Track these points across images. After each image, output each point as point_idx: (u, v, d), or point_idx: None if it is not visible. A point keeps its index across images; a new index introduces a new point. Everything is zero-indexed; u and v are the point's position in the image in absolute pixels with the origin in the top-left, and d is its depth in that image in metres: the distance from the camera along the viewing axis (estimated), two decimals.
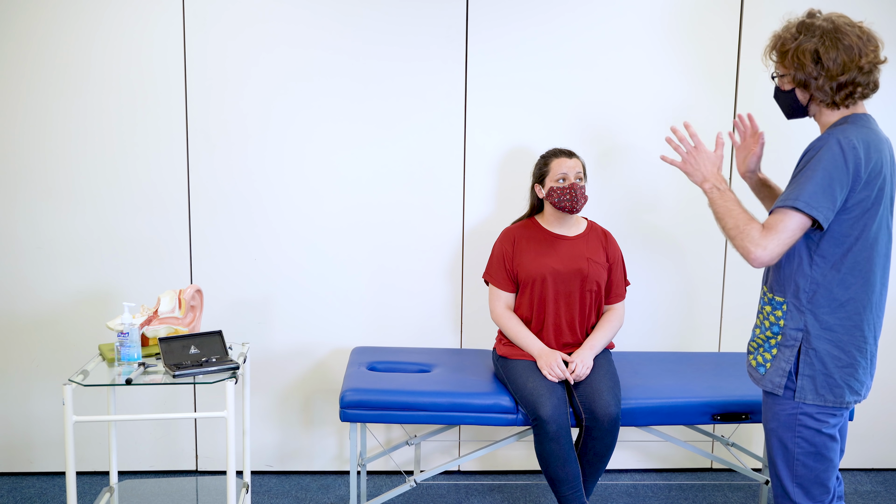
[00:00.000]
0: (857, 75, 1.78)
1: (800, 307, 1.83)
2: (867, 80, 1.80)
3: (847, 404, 1.84)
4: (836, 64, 1.77)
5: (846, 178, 1.73)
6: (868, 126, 1.81)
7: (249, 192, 2.93)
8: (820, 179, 1.72)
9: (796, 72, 1.83)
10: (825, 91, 1.80)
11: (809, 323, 1.82)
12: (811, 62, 1.79)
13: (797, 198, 1.73)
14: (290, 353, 3.03)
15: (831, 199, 1.73)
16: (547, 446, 2.35)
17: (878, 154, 1.77)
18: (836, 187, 1.73)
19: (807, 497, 1.88)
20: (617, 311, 2.66)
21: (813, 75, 1.80)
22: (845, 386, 1.83)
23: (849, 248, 1.79)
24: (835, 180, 1.72)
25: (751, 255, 1.77)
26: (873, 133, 1.80)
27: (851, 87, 1.79)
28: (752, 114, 2.12)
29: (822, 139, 1.76)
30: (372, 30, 2.88)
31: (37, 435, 3.02)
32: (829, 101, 1.82)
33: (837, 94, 1.80)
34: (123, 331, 2.23)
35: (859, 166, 1.73)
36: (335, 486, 3.02)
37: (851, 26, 1.80)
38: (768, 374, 1.88)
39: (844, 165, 1.72)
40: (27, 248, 2.91)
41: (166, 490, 2.77)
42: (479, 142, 2.96)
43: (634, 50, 2.94)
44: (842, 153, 1.72)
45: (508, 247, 2.64)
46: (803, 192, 1.73)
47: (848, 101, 1.81)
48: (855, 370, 1.83)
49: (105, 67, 2.84)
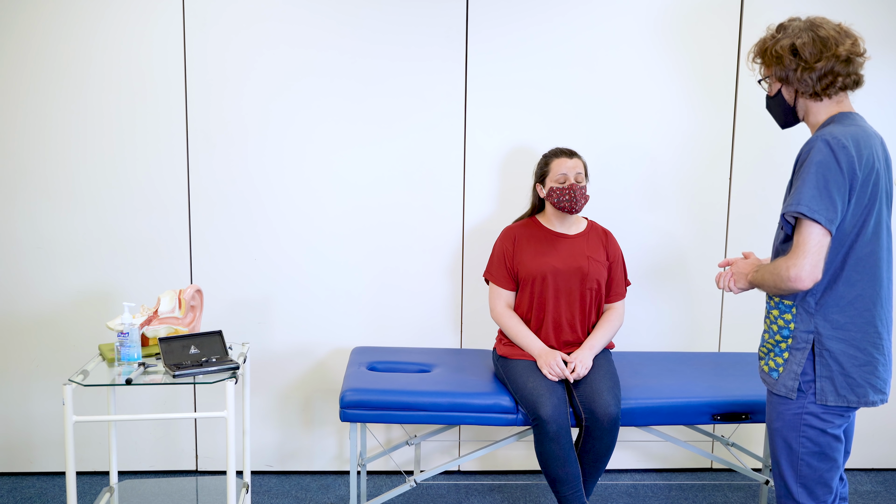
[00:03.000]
0: (836, 64, 1.79)
1: (809, 310, 1.83)
2: (846, 70, 1.81)
3: (873, 403, 1.83)
4: (813, 53, 1.80)
5: (842, 179, 1.72)
6: (855, 123, 1.81)
7: (249, 192, 2.93)
8: (814, 182, 1.72)
9: (777, 67, 1.86)
10: (805, 82, 1.82)
11: (820, 325, 1.82)
12: (789, 54, 1.82)
13: (798, 202, 1.73)
14: (290, 353, 3.03)
15: (830, 201, 1.72)
16: (547, 446, 2.35)
17: (868, 149, 1.77)
18: (833, 189, 1.72)
19: (810, 497, 1.87)
20: (617, 310, 2.66)
21: (792, 67, 1.83)
22: (867, 385, 1.82)
23: (850, 245, 1.79)
24: (830, 182, 1.72)
25: (791, 281, 1.75)
26: (861, 129, 1.79)
27: (831, 77, 1.81)
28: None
29: (810, 142, 1.77)
30: (372, 29, 2.88)
31: (37, 435, 3.02)
32: (811, 92, 1.83)
33: (818, 83, 1.82)
34: (123, 331, 2.23)
35: (853, 164, 1.73)
36: (335, 486, 3.02)
37: (828, 22, 1.84)
38: (781, 378, 1.88)
39: (837, 165, 1.72)
40: (27, 248, 2.91)
41: (166, 490, 2.77)
42: (479, 142, 2.96)
43: (635, 49, 2.94)
44: (832, 153, 1.72)
45: (509, 245, 2.64)
46: (803, 197, 1.73)
47: (829, 91, 1.82)
48: (875, 367, 1.83)
49: (105, 67, 2.84)
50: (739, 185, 3.04)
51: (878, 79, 2.94)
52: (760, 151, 3.01)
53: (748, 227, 3.04)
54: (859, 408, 1.84)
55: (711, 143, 3.01)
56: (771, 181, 3.02)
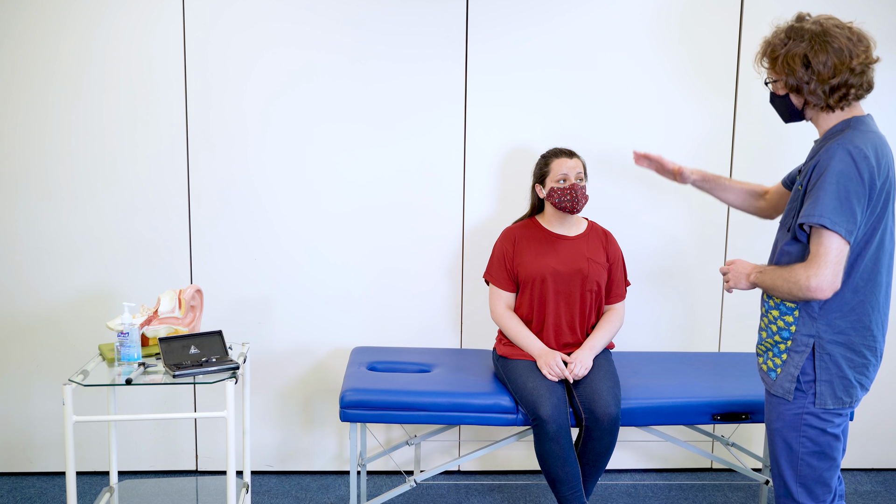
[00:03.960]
0: (850, 77, 1.76)
1: (812, 314, 1.82)
2: (860, 81, 1.78)
3: (857, 401, 1.84)
4: (827, 67, 1.75)
5: (862, 189, 1.71)
6: (872, 129, 1.80)
7: (249, 192, 2.93)
8: (835, 193, 1.69)
9: (788, 77, 1.82)
10: (818, 95, 1.79)
11: (822, 329, 1.81)
12: (801, 67, 1.77)
13: (821, 214, 1.70)
14: (290, 353, 3.03)
15: (850, 213, 1.70)
16: (547, 446, 2.35)
17: (885, 158, 1.76)
18: (854, 199, 1.70)
19: (810, 497, 1.87)
20: (617, 311, 2.66)
21: (804, 80, 1.78)
22: (858, 385, 1.84)
23: (859, 253, 1.78)
24: (851, 192, 1.70)
25: (811, 290, 1.73)
26: (878, 136, 1.78)
27: (845, 90, 1.77)
28: (635, 151, 2.17)
29: (831, 151, 1.73)
30: (372, 30, 2.88)
31: (37, 435, 3.02)
32: (824, 105, 1.80)
33: (831, 97, 1.78)
34: (123, 331, 2.23)
35: (874, 175, 1.72)
36: (335, 486, 3.02)
37: (840, 28, 1.78)
38: (779, 379, 1.88)
39: (859, 177, 1.70)
40: (27, 248, 2.91)
41: (166, 490, 2.77)
42: (479, 142, 2.96)
43: (635, 49, 2.94)
44: (854, 164, 1.70)
45: (509, 246, 2.64)
46: (825, 208, 1.70)
47: (842, 104, 1.79)
48: (867, 368, 1.84)
49: (105, 67, 2.84)
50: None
51: (879, 79, 2.87)
52: (760, 151, 3.01)
53: (748, 227, 3.04)
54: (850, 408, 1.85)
55: (711, 143, 3.01)
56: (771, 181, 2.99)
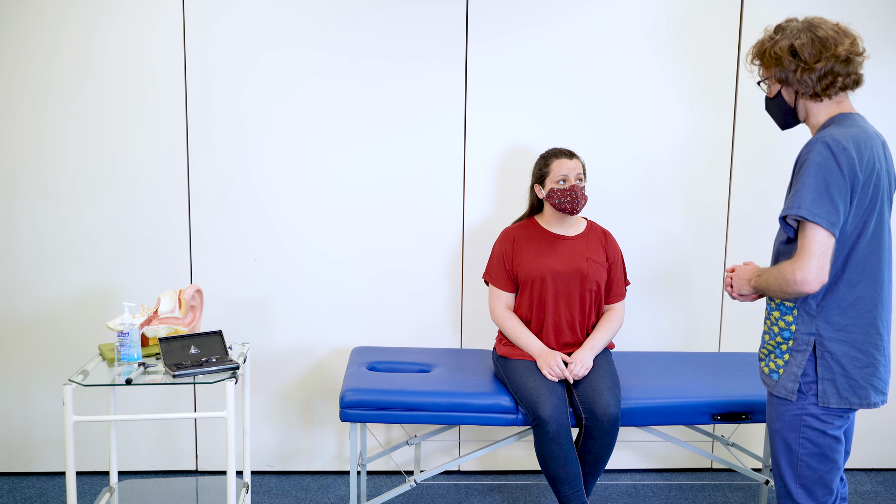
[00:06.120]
0: (835, 64, 1.79)
1: (810, 312, 1.82)
2: (846, 70, 1.80)
3: (874, 404, 1.83)
4: (812, 54, 1.79)
5: (843, 181, 1.72)
6: (856, 124, 1.80)
7: (249, 192, 2.93)
8: (813, 185, 1.71)
9: (776, 69, 1.86)
10: (805, 83, 1.82)
11: (821, 326, 1.81)
12: (788, 55, 1.82)
13: (799, 206, 1.72)
14: (290, 353, 3.03)
15: (831, 204, 1.71)
16: (547, 446, 2.35)
17: (869, 150, 1.76)
18: (834, 191, 1.71)
19: (810, 498, 1.87)
20: (617, 310, 2.66)
21: (791, 68, 1.82)
22: (869, 386, 1.82)
23: (851, 247, 1.79)
24: (831, 184, 1.71)
25: (797, 284, 1.74)
26: (861, 130, 1.79)
27: (831, 77, 1.80)
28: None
29: (810, 144, 1.76)
30: (372, 30, 2.88)
31: (37, 435, 3.02)
32: (812, 93, 1.82)
33: (818, 84, 1.81)
34: (123, 331, 2.23)
35: (854, 166, 1.72)
36: (335, 486, 3.02)
37: (826, 22, 1.84)
38: (781, 380, 1.87)
39: (838, 168, 1.71)
40: (27, 248, 2.91)
41: (166, 490, 2.77)
42: (479, 142, 2.96)
43: (635, 49, 2.94)
44: (832, 156, 1.71)
45: (508, 247, 2.64)
46: (803, 200, 1.72)
47: (830, 91, 1.82)
48: (876, 369, 1.83)
49: (105, 67, 2.84)
50: (739, 186, 3.04)
51: (879, 79, 2.94)
52: (760, 151, 3.01)
53: (748, 227, 3.04)
54: (859, 409, 1.84)
55: (711, 143, 3.01)
56: (771, 181, 3.02)
